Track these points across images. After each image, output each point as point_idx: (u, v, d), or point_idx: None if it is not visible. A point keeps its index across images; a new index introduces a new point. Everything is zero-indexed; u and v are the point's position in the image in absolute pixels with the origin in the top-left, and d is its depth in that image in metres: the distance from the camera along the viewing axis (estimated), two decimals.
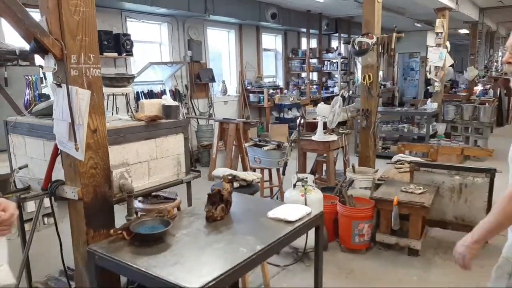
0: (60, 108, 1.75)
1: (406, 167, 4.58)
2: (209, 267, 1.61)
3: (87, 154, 1.81)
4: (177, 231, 1.96)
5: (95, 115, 1.83)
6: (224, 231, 1.99)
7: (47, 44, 1.64)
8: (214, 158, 6.48)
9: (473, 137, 7.83)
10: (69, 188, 1.86)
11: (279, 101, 9.55)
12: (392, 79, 15.86)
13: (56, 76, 1.76)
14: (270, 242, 1.83)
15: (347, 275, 3.49)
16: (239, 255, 1.70)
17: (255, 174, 3.25)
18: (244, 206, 2.34)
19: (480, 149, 6.10)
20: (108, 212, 1.97)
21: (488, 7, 10.60)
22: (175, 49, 7.78)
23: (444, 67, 7.99)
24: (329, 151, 4.89)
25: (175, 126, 2.56)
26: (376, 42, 4.61)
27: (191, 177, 2.69)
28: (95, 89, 1.82)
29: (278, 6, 9.18)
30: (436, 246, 3.99)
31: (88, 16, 1.76)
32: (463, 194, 4.02)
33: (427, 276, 3.43)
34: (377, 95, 4.92)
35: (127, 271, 1.68)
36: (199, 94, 8.32)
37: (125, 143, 2.23)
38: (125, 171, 2.21)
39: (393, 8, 9.62)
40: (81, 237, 1.89)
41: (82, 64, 1.76)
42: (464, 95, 11.08)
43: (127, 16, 6.88)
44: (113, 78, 2.38)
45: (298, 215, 2.10)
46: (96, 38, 1.81)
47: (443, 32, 7.78)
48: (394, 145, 7.05)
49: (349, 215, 3.83)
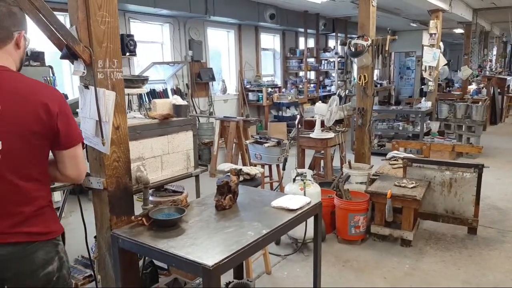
0: (88, 108, 1.96)
1: (399, 163, 4.80)
2: (221, 247, 1.83)
3: (111, 148, 2.02)
4: (190, 218, 2.18)
5: (118, 114, 2.04)
6: (232, 218, 2.20)
7: (78, 50, 1.85)
8: (215, 155, 6.67)
9: (466, 135, 8.05)
10: (94, 179, 2.07)
11: (277, 99, 9.76)
12: (388, 78, 16.09)
13: (84, 79, 1.97)
14: (274, 227, 2.05)
15: (344, 264, 3.71)
16: (247, 237, 1.91)
17: (258, 168, 3.46)
18: (249, 197, 2.55)
19: (470, 146, 6.34)
20: (128, 200, 2.18)
21: (481, 8, 10.83)
22: (177, 49, 7.98)
23: (438, 67, 8.21)
24: (326, 148, 5.11)
25: (185, 123, 2.76)
26: (371, 44, 4.83)
27: (199, 171, 2.90)
28: (118, 90, 2.03)
29: (276, 7, 9.38)
30: (427, 237, 4.21)
31: (112, 26, 1.97)
32: (453, 188, 4.25)
33: (419, 265, 3.65)
34: (372, 95, 5.15)
35: (149, 252, 1.90)
36: (199, 93, 8.53)
37: (141, 139, 2.44)
38: (141, 164, 2.43)
39: (388, 8, 9.83)
40: (105, 223, 2.10)
41: (107, 68, 1.97)
42: (458, 94, 11.32)
43: (131, 17, 7.07)
44: (130, 80, 2.59)
45: (299, 204, 2.31)
46: (119, 45, 2.02)
47: (437, 33, 8.01)
48: (389, 143, 7.28)
49: (345, 208, 4.04)
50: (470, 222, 4.22)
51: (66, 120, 1.61)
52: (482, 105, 8.22)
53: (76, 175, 1.72)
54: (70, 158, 1.66)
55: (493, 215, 4.77)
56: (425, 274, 3.50)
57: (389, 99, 14.25)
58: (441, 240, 4.16)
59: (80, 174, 1.74)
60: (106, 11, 1.95)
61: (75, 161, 1.68)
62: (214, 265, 1.66)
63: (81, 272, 3.08)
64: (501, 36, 16.71)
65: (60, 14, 1.88)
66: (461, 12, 9.89)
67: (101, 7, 1.93)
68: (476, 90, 11.25)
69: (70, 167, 1.67)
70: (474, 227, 4.23)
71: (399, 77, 17.38)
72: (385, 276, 3.48)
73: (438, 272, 3.53)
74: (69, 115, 1.64)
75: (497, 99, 11.84)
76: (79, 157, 1.69)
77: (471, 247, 3.99)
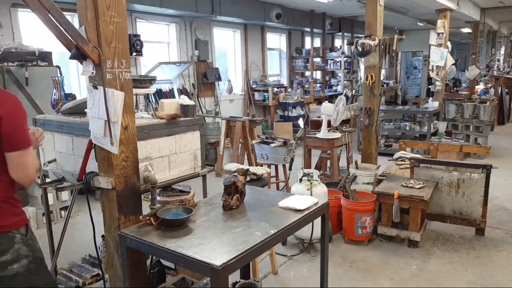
0: (96, 108, 1.97)
1: (406, 164, 4.77)
2: (229, 247, 1.83)
3: (119, 148, 2.03)
4: (198, 218, 2.18)
5: (126, 114, 2.05)
6: (239, 218, 2.20)
7: (87, 51, 1.86)
8: (221, 155, 6.69)
9: (473, 135, 7.99)
10: (103, 178, 2.09)
11: (283, 99, 9.74)
12: (395, 77, 16.01)
13: (93, 79, 1.98)
14: (282, 227, 2.05)
15: (350, 264, 3.70)
16: (255, 237, 1.92)
17: (264, 168, 3.45)
18: (256, 197, 2.55)
19: (478, 147, 6.29)
20: (136, 200, 2.19)
21: (489, 7, 10.75)
22: (183, 49, 8.00)
23: (445, 67, 8.16)
24: (333, 148, 5.09)
25: (192, 123, 2.77)
26: (378, 43, 4.81)
27: (206, 170, 2.91)
28: (126, 91, 2.04)
29: (282, 6, 9.37)
30: (435, 238, 4.19)
31: (121, 26, 1.98)
32: (460, 189, 4.22)
33: (426, 266, 3.63)
34: (379, 94, 5.13)
35: (157, 251, 1.91)
36: (205, 93, 8.54)
37: (149, 139, 2.45)
38: (148, 164, 2.43)
39: (395, 8, 9.79)
40: (113, 223, 2.12)
41: (116, 68, 1.98)
42: (466, 94, 11.24)
43: (137, 17, 7.10)
44: (137, 80, 2.60)
45: (306, 205, 2.31)
46: (127, 45, 2.04)
47: (444, 33, 7.96)
48: (396, 143, 7.24)
49: (352, 208, 4.03)
50: (478, 223, 4.19)
51: (12, 124, 1.69)
52: (490, 105, 8.15)
53: (21, 178, 1.79)
54: (15, 161, 1.74)
55: (501, 216, 4.73)
56: (432, 275, 3.48)
57: (396, 99, 14.17)
58: (449, 241, 4.13)
59: (26, 178, 1.80)
60: (115, 11, 1.96)
61: (21, 166, 1.76)
62: (222, 265, 1.66)
63: (89, 271, 3.11)
64: (509, 36, 16.58)
65: (68, 14, 1.90)
66: (468, 11, 9.82)
67: (110, 7, 1.94)
68: (483, 90, 11.17)
69: (15, 170, 1.76)
70: (482, 228, 4.20)
71: (406, 76, 17.29)
72: (392, 277, 3.46)
73: (445, 273, 3.51)
74: (17, 119, 1.71)
75: (505, 99, 11.75)
76: (25, 162, 1.76)
77: (479, 248, 3.96)
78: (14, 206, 1.83)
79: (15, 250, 1.79)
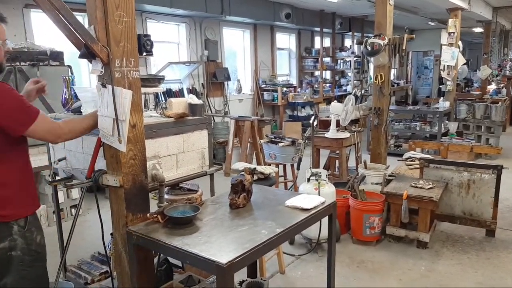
0: (105, 106, 1.99)
1: (416, 164, 4.73)
2: (235, 245, 1.84)
3: (127, 146, 2.05)
4: (205, 216, 2.20)
5: (134, 112, 2.07)
6: (246, 216, 2.21)
7: (96, 50, 1.88)
8: (230, 154, 6.70)
9: (484, 136, 7.90)
10: (111, 176, 2.11)
11: (292, 99, 9.74)
12: (405, 77, 15.88)
13: (102, 78, 2.00)
14: (288, 226, 2.05)
15: (358, 265, 3.68)
16: (261, 236, 1.92)
17: (272, 168, 3.46)
18: (263, 196, 2.55)
19: (489, 147, 6.21)
20: (144, 198, 2.21)
21: (501, 7, 10.61)
22: (193, 49, 8.04)
23: (457, 67, 8.08)
24: (341, 148, 5.07)
25: (200, 122, 2.79)
26: (387, 43, 4.78)
27: (214, 169, 2.92)
28: (135, 89, 2.06)
29: (292, 6, 9.37)
30: (444, 239, 4.15)
31: (129, 25, 2.00)
32: (471, 189, 4.18)
33: (435, 267, 3.60)
34: (388, 94, 5.09)
35: (164, 249, 1.92)
36: (215, 93, 8.57)
37: (157, 137, 2.47)
38: (156, 162, 2.45)
39: (405, 7, 9.71)
40: (121, 220, 2.13)
41: (124, 67, 2.00)
42: (477, 94, 11.11)
43: (148, 18, 7.16)
44: (146, 79, 2.62)
45: (313, 204, 2.31)
46: (136, 45, 2.05)
47: (455, 32, 7.88)
48: (406, 143, 7.19)
49: (360, 209, 4.01)
50: (488, 224, 4.14)
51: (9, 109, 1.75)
52: (502, 105, 8.05)
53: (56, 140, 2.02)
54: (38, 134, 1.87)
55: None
56: (441, 276, 3.45)
57: (406, 99, 14.05)
58: (458, 242, 4.09)
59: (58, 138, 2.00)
60: (124, 10, 1.97)
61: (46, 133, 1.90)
62: (228, 263, 1.67)
63: (98, 268, 3.14)
64: None
65: (78, 15, 1.93)
66: (480, 10, 9.70)
67: (119, 7, 1.95)
68: (495, 90, 11.02)
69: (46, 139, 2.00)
70: (492, 229, 4.15)
71: (416, 76, 17.12)
72: (401, 277, 3.44)
73: (454, 274, 3.48)
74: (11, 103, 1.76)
75: None
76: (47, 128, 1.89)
77: (489, 250, 3.91)
78: (19, 198, 1.89)
79: (13, 240, 1.86)
